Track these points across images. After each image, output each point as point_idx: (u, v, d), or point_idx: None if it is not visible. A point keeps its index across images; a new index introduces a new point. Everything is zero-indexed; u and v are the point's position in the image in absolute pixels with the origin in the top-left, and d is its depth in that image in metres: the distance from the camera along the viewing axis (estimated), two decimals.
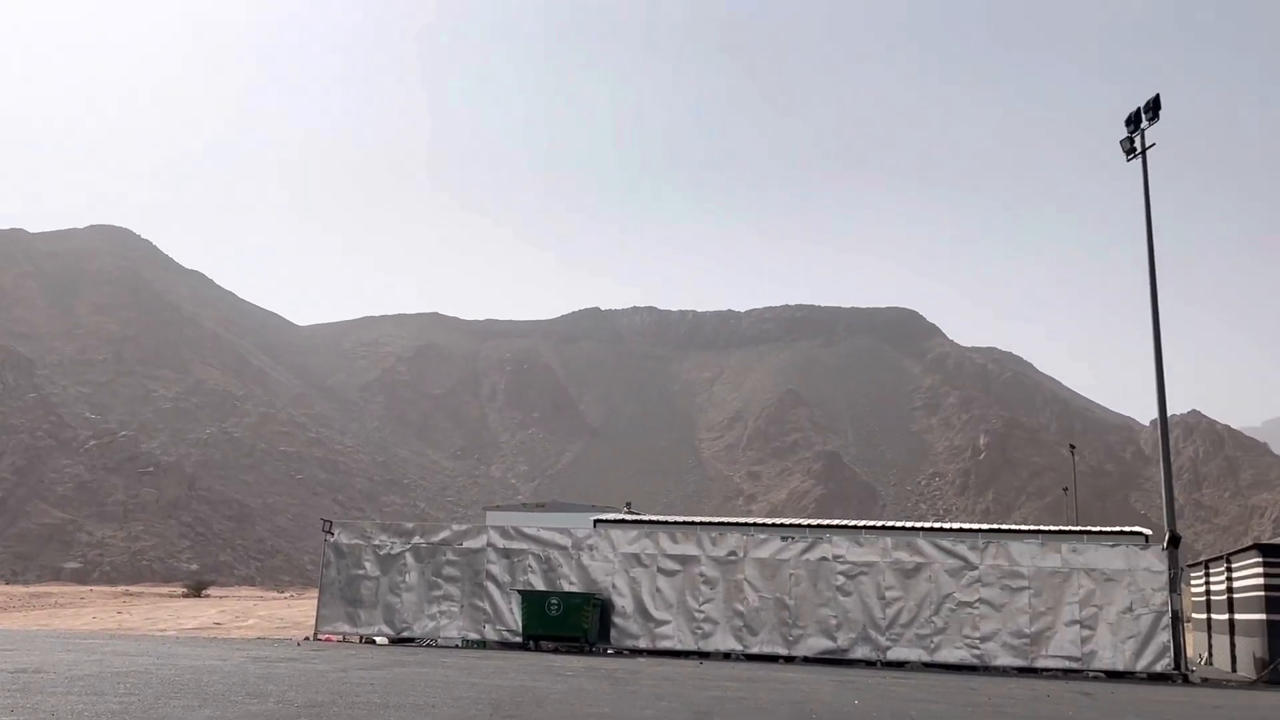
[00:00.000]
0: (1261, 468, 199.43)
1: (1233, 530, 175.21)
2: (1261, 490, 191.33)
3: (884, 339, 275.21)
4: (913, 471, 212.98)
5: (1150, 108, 31.90)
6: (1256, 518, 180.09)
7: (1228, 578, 33.13)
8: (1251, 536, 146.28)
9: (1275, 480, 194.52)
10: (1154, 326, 31.01)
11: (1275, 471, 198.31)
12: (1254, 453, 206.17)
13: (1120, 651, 27.06)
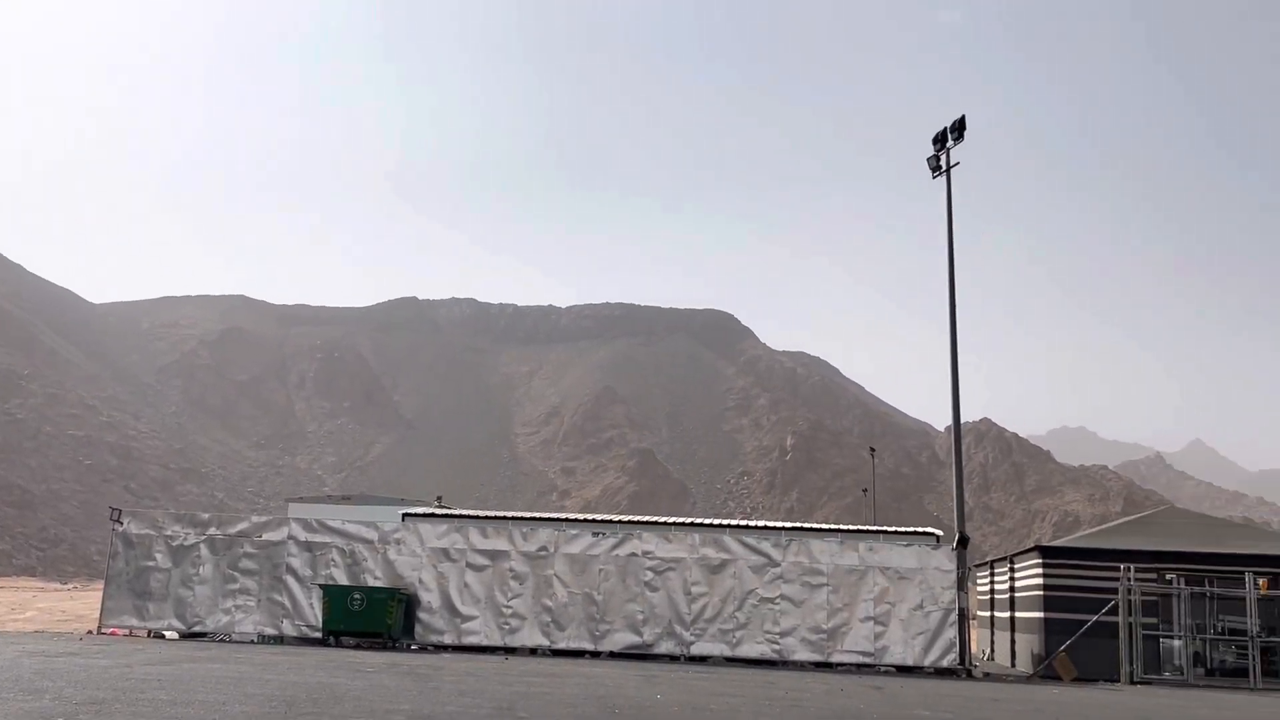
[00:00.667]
0: (1045, 474, 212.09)
1: (1017, 533, 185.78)
2: (1044, 495, 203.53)
3: (700, 340, 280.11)
4: (723, 470, 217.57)
5: (956, 128, 33.42)
6: (1039, 521, 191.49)
7: (1010, 578, 35.06)
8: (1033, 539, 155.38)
9: (1056, 486, 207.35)
10: (951, 337, 32.48)
11: (1057, 478, 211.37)
12: (1038, 460, 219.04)
13: (910, 647, 28.24)
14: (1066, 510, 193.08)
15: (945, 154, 33.59)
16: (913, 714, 16.48)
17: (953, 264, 33.14)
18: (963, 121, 33.28)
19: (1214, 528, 34.66)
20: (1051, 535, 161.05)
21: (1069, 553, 31.24)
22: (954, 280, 33.06)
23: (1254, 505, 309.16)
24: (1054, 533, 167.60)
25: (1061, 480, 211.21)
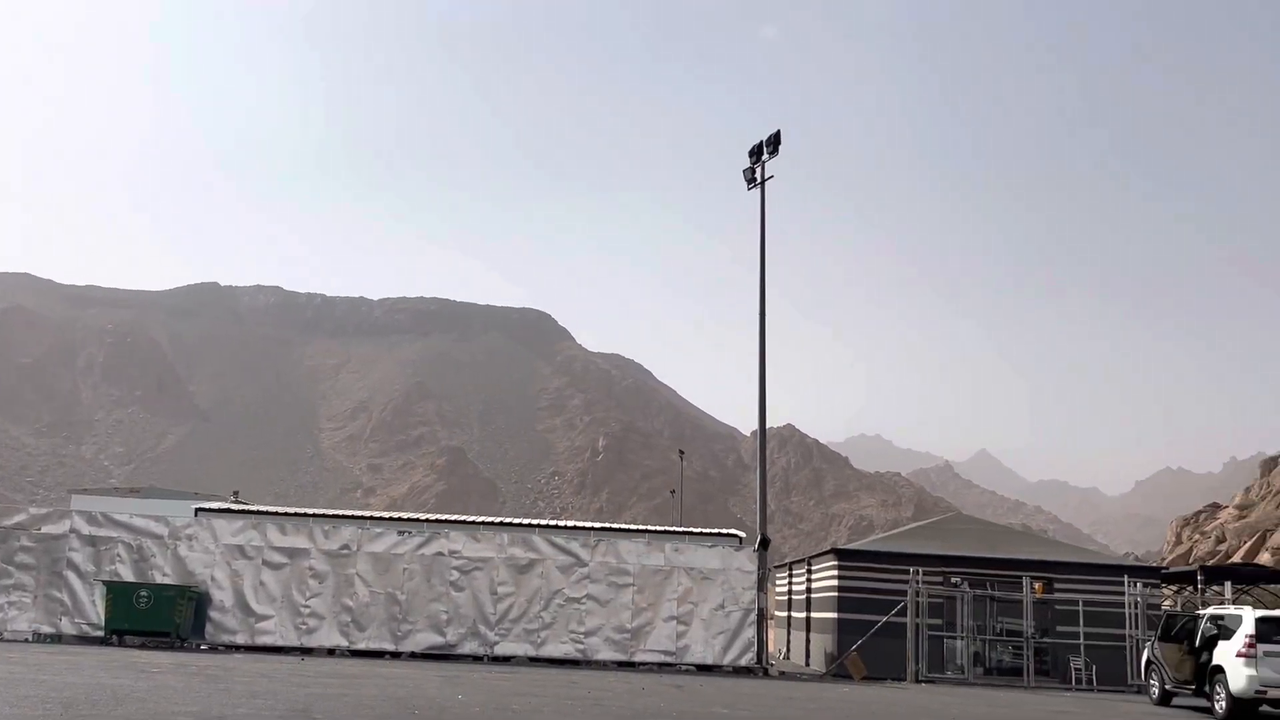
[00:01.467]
0: (843, 479, 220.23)
1: (815, 535, 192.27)
2: (841, 500, 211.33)
3: (516, 338, 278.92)
4: (534, 470, 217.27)
5: (771, 142, 34.31)
6: (836, 524, 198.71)
7: (808, 579, 36.24)
8: (830, 542, 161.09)
9: (853, 491, 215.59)
10: (760, 345, 33.33)
11: (854, 483, 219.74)
12: (837, 465, 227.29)
13: (711, 646, 28.83)
14: (862, 514, 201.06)
15: (760, 167, 34.45)
16: (711, 712, 16.81)
17: (764, 274, 34.04)
18: (778, 136, 34.20)
19: (995, 534, 36.70)
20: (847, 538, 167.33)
21: (863, 555, 32.52)
22: (765, 290, 33.95)
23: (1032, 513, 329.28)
24: (849, 536, 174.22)
25: (858, 486, 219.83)
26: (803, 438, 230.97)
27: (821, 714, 17.75)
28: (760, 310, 33.72)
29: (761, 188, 34.40)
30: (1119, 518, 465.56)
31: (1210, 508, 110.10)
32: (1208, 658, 21.73)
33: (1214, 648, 21.58)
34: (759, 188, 34.45)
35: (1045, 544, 38.39)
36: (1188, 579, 35.53)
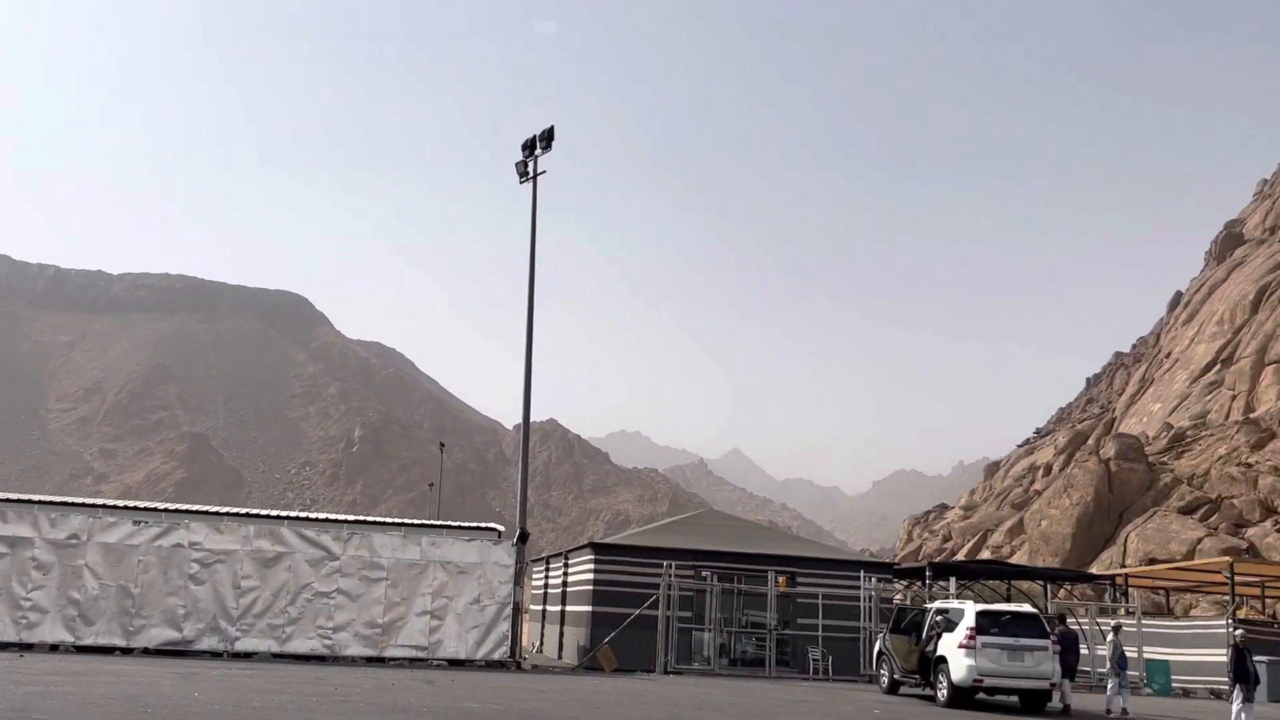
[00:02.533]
0: (602, 474, 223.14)
1: (573, 529, 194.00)
2: (600, 495, 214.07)
3: (269, 322, 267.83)
4: (284, 459, 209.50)
5: (545, 137, 34.31)
6: (594, 519, 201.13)
7: (564, 573, 36.49)
8: (587, 536, 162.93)
9: (612, 486, 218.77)
10: (527, 339, 33.29)
11: (613, 478, 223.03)
12: (597, 460, 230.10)
13: (464, 641, 28.59)
14: (619, 509, 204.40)
15: (533, 161, 34.40)
16: (462, 706, 16.68)
17: (533, 269, 34.03)
18: (551, 131, 34.24)
19: (744, 530, 38.05)
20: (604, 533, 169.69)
21: (618, 550, 33.01)
22: (534, 284, 33.95)
23: (779, 510, 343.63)
24: (606, 531, 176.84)
25: (616, 481, 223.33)
26: (565, 433, 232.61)
27: (573, 706, 17.91)
28: (529, 305, 33.69)
29: (534, 182, 34.37)
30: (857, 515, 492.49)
31: (939, 508, 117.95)
32: (933, 649, 23.20)
33: (939, 640, 23.07)
34: (531, 182, 34.41)
35: (789, 540, 40.10)
36: (917, 574, 37.90)
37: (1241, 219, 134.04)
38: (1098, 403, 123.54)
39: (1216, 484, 70.61)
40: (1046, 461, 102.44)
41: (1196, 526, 66.51)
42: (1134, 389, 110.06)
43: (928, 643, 23.42)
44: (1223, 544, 62.34)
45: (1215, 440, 78.09)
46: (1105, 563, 67.29)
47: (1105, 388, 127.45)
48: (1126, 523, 71.74)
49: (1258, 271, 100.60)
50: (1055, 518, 75.01)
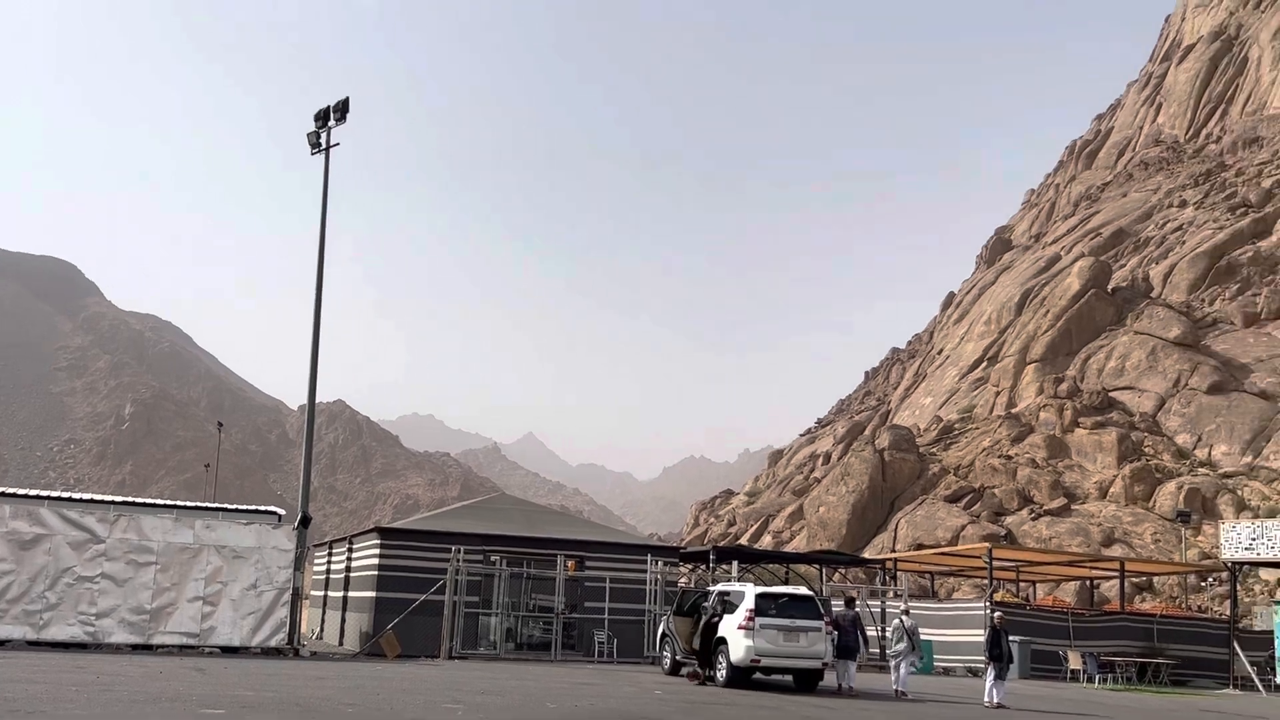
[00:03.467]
0: (391, 458, 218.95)
1: (359, 513, 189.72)
2: (389, 478, 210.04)
3: (32, 290, 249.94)
4: (46, 436, 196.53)
5: (339, 108, 33.28)
6: (381, 503, 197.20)
7: (348, 558, 35.63)
8: (374, 520, 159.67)
9: (401, 470, 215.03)
10: (315, 315, 32.24)
11: (402, 462, 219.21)
12: (387, 444, 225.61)
13: (239, 627, 27.53)
14: (409, 493, 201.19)
15: (326, 133, 33.32)
16: (234, 694, 16.06)
17: (324, 243, 33.00)
18: (346, 103, 33.24)
19: (535, 514, 38.05)
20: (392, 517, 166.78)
21: (405, 534, 32.45)
22: (323, 259, 32.92)
23: (572, 495, 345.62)
24: (395, 515, 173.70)
25: (407, 465, 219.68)
26: (353, 414, 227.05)
27: (350, 693, 17.51)
28: (317, 280, 32.65)
29: (326, 154, 33.30)
30: (648, 501, 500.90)
31: (725, 494, 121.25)
32: (714, 630, 23.81)
33: (720, 621, 23.69)
34: (324, 154, 33.33)
35: (580, 524, 40.37)
36: (701, 558, 38.85)
37: (1010, 226, 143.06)
38: (875, 395, 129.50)
39: (980, 474, 75.26)
40: (826, 450, 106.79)
41: (960, 514, 70.72)
42: (908, 383, 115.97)
43: (710, 624, 23.99)
44: (984, 530, 66.50)
45: (980, 433, 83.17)
46: (877, 547, 70.74)
47: (882, 381, 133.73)
48: (898, 510, 75.61)
49: (1023, 276, 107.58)
50: (832, 504, 78.30)
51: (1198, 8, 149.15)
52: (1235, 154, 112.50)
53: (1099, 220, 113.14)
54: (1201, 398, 74.63)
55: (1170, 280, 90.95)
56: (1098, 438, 73.83)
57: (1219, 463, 69.47)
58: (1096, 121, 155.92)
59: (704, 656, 23.95)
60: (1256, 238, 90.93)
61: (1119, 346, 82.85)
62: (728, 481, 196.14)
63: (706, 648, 23.81)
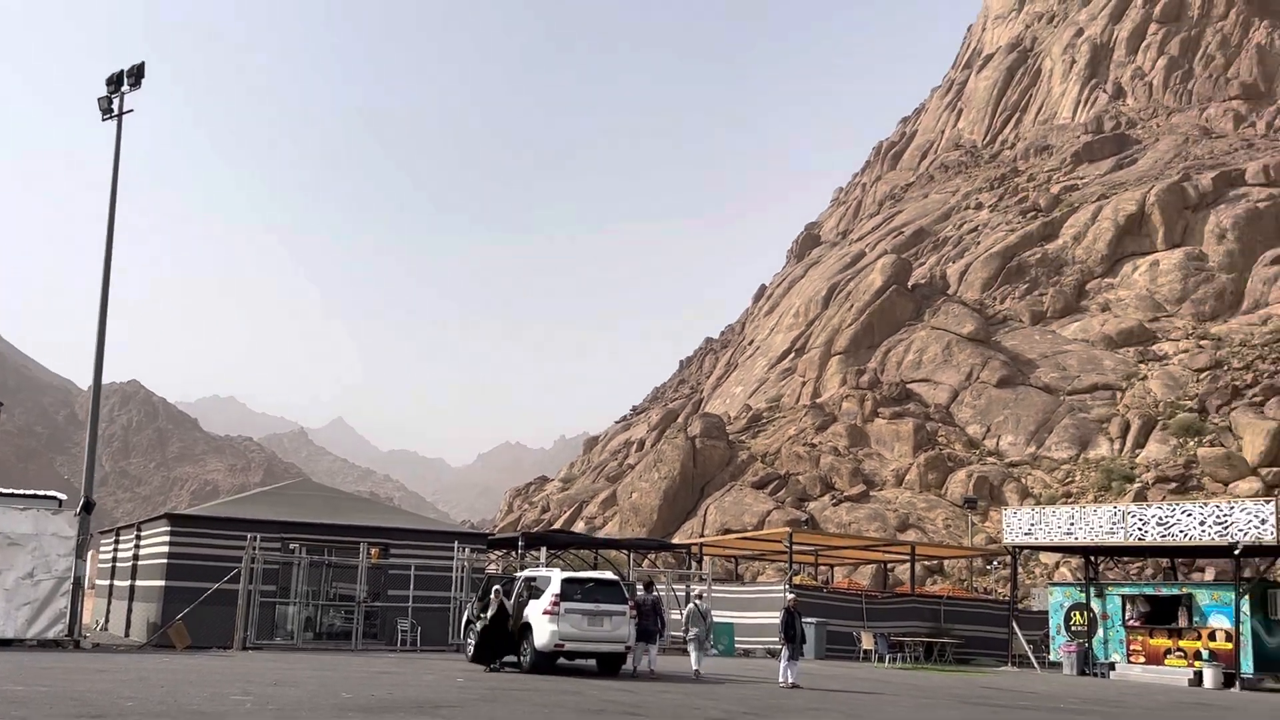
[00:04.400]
0: (190, 441, 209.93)
1: (154, 499, 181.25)
2: (186, 463, 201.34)
3: None
4: None
5: (133, 73, 31.55)
6: (178, 489, 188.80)
7: (136, 546, 33.95)
8: (170, 506, 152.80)
9: (200, 454, 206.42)
10: (103, 289, 30.52)
11: (201, 446, 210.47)
12: (185, 426, 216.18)
13: (13, 618, 25.91)
14: (207, 479, 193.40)
15: (119, 98, 31.54)
16: (4, 690, 15.07)
17: (113, 213, 31.25)
18: (141, 68, 31.52)
19: (340, 501, 37.12)
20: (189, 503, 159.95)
21: (199, 521, 31.14)
22: (113, 230, 31.19)
23: (382, 481, 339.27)
24: (192, 501, 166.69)
25: (206, 449, 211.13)
26: (149, 395, 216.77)
27: (133, 685, 16.68)
28: (106, 251, 30.90)
29: (119, 120, 31.52)
30: (461, 487, 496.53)
31: (539, 480, 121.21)
32: (519, 616, 23.74)
33: (525, 606, 23.64)
34: (116, 120, 31.53)
35: (387, 511, 39.61)
36: (510, 544, 38.70)
37: (820, 222, 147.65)
38: (688, 384, 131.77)
39: (786, 461, 77.51)
40: (640, 437, 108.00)
41: (767, 500, 72.68)
42: (720, 373, 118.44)
43: (516, 610, 23.92)
44: (788, 516, 68.53)
45: (787, 422, 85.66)
46: (687, 532, 72.03)
47: (696, 370, 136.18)
48: (707, 496, 77.15)
49: (830, 271, 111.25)
50: (645, 490, 79.29)
51: (997, 19, 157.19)
52: (1027, 160, 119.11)
53: (901, 219, 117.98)
54: (991, 391, 78.82)
55: (965, 279, 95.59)
56: (895, 427, 77.05)
57: (1005, 452, 73.54)
58: (902, 124, 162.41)
59: (493, 644, 23.56)
60: (1044, 240, 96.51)
61: (917, 341, 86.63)
62: (543, 468, 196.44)
63: (496, 635, 23.50)
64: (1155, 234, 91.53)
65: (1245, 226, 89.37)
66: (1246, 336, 79.05)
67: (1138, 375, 77.46)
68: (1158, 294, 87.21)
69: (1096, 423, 73.46)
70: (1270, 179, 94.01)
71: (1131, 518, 33.38)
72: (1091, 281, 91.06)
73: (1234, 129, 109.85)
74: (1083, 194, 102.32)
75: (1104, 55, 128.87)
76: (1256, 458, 65.39)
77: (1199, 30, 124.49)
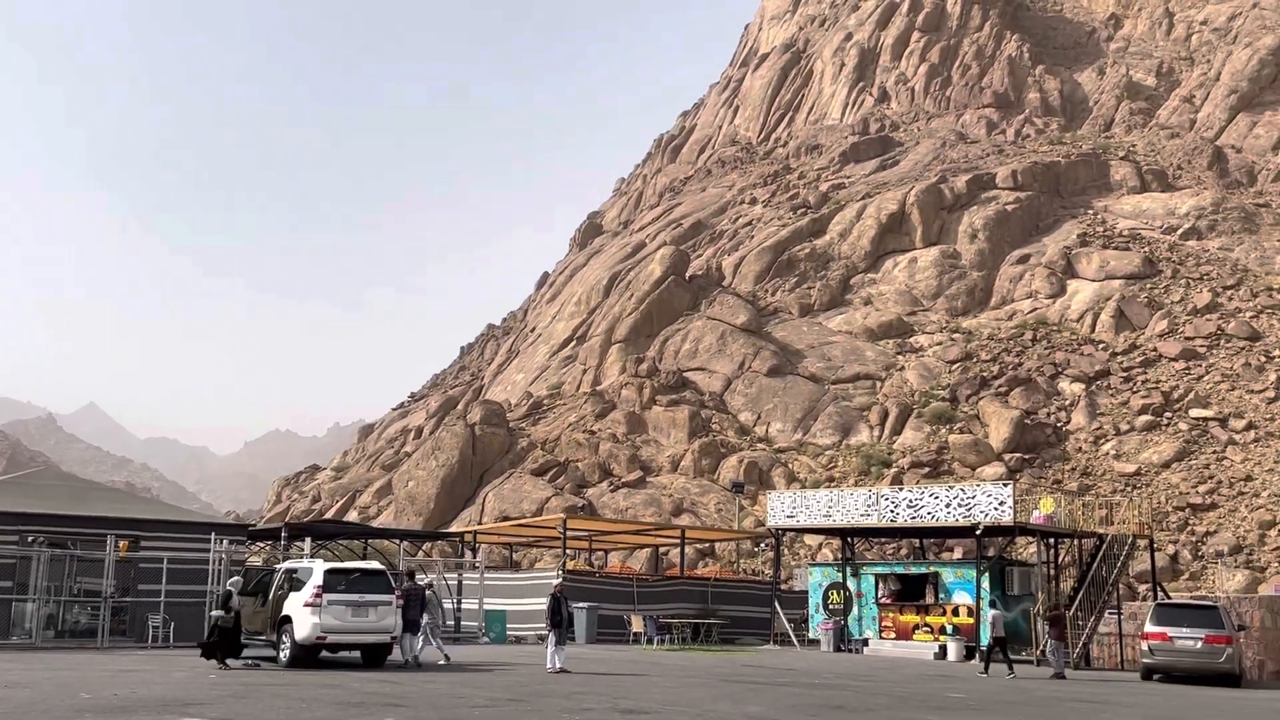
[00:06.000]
0: None
1: None
2: None
3: None
4: None
5: None
6: None
7: None
8: None
9: None
10: None
11: None
12: None
13: None
14: None
15: None
16: None
17: None
18: None
19: (87, 491, 34.86)
20: None
21: None
22: None
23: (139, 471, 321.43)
24: None
25: None
26: None
27: None
28: None
29: None
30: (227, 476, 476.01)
31: (311, 469, 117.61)
32: (280, 609, 22.95)
33: (285, 599, 22.87)
34: None
35: (139, 502, 37.45)
36: (273, 536, 37.34)
37: (602, 212, 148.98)
38: (469, 370, 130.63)
39: (565, 448, 77.94)
40: (418, 425, 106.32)
41: (546, 487, 72.90)
42: (502, 359, 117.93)
43: (278, 603, 23.16)
44: (567, 502, 68.93)
45: (567, 409, 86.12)
46: (465, 520, 71.43)
47: (477, 357, 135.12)
48: (486, 484, 76.73)
49: (611, 260, 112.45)
50: (422, 479, 78.13)
51: (773, 20, 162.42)
52: (799, 158, 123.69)
53: (680, 211, 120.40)
54: (762, 379, 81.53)
55: (740, 271, 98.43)
56: (672, 415, 78.67)
57: (774, 439, 76.26)
58: (682, 118, 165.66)
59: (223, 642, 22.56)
60: (813, 236, 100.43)
61: (694, 330, 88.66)
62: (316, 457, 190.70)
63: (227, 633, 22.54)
64: (914, 232, 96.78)
65: (995, 227, 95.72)
66: (994, 331, 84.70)
67: (896, 366, 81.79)
68: (915, 289, 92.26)
69: (858, 411, 77.14)
70: (1018, 183, 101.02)
71: (885, 501, 35.20)
72: (856, 276, 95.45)
73: (987, 135, 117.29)
74: (849, 192, 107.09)
75: (871, 60, 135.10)
76: (1001, 444, 70.23)
77: (957, 40, 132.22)
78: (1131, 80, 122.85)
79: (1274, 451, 66.56)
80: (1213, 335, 78.54)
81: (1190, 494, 64.27)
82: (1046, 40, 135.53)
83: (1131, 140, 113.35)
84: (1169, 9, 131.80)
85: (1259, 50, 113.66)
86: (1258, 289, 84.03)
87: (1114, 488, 64.34)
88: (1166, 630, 27.76)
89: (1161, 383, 74.80)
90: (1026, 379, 76.74)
